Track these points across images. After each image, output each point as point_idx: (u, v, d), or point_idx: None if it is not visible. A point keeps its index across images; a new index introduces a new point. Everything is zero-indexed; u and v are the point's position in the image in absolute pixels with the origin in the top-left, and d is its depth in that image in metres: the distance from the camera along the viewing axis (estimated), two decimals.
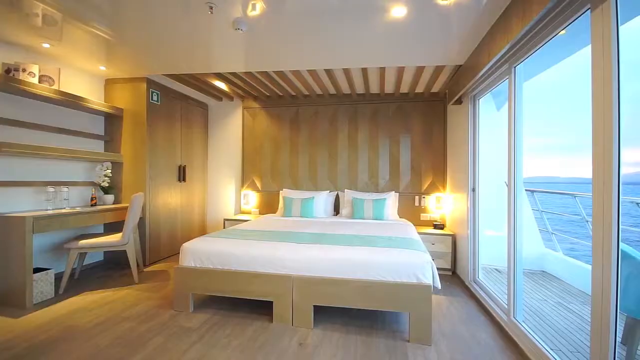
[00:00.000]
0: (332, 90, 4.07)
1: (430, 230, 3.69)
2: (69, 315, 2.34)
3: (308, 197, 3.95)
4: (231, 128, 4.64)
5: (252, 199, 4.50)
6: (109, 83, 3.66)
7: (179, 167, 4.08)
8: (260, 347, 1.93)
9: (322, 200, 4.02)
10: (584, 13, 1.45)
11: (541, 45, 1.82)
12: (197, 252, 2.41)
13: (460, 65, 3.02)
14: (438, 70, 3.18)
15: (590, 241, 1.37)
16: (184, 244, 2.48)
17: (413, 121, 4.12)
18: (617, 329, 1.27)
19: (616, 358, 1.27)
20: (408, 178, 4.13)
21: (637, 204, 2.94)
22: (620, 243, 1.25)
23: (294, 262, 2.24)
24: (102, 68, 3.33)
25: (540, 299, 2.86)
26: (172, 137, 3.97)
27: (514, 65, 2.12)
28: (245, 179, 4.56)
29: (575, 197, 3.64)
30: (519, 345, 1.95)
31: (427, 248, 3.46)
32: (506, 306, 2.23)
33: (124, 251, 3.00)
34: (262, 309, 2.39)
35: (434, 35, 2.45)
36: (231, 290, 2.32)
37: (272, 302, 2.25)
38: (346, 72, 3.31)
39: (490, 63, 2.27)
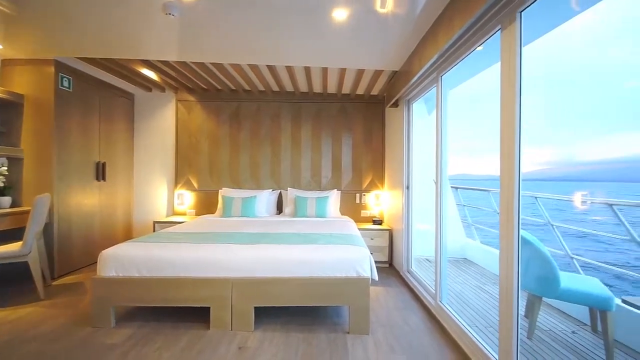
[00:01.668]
0: (275, 87, 4.00)
1: (370, 226, 3.89)
2: None
3: (249, 196, 3.82)
4: (162, 122, 4.24)
5: (187, 199, 4.18)
6: (6, 64, 3.04)
7: (97, 164, 3.58)
8: (196, 356, 1.80)
9: (265, 199, 3.93)
10: (496, 32, 1.66)
11: (463, 57, 2.03)
12: (120, 260, 2.15)
13: (397, 71, 3.23)
14: (377, 74, 3.36)
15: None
16: (103, 251, 2.19)
17: (354, 121, 4.28)
18: (520, 304, 1.49)
19: (519, 329, 1.49)
20: (350, 176, 4.28)
21: (536, 197, 3.50)
22: (520, 231, 1.47)
23: (233, 264, 2.14)
24: None
25: (462, 283, 3.22)
26: (89, 130, 3.47)
27: (441, 74, 2.33)
28: (179, 178, 4.22)
29: (489, 192, 4.19)
30: (443, 326, 2.17)
31: (367, 243, 3.63)
32: (434, 292, 2.46)
33: (26, 263, 2.52)
34: (198, 316, 2.23)
35: (373, 41, 2.57)
36: (162, 299, 2.12)
37: (209, 307, 2.11)
38: (289, 69, 3.29)
39: (422, 71, 2.47)
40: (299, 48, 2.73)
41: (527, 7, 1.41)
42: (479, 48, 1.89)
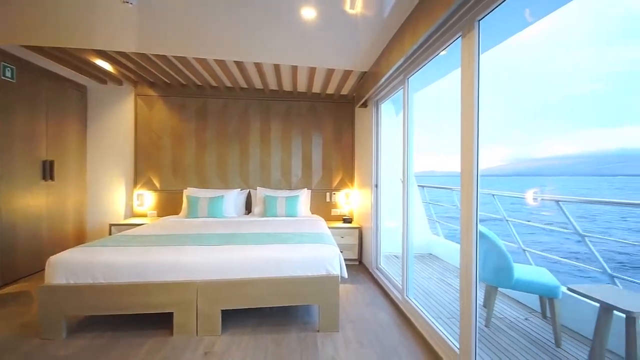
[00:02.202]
0: (243, 84, 3.90)
1: (340, 224, 3.93)
2: None
3: (216, 196, 3.70)
4: (120, 117, 3.96)
5: (148, 199, 3.95)
6: None
7: (44, 162, 3.26)
8: None
9: (233, 199, 3.83)
10: (457, 39, 1.74)
11: (428, 61, 2.11)
12: (72, 266, 1.98)
13: (366, 72, 3.29)
14: (347, 74, 3.39)
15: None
16: (51, 257, 2.00)
17: (324, 121, 4.30)
18: (478, 295, 1.58)
19: (477, 319, 1.58)
20: (320, 175, 4.30)
21: (493, 195, 3.74)
22: (478, 226, 1.56)
23: (198, 266, 2.05)
24: None
25: (427, 278, 3.36)
26: (34, 125, 3.15)
27: (408, 76, 2.41)
28: (139, 177, 3.97)
29: (452, 190, 4.41)
30: (410, 319, 2.26)
31: (337, 241, 3.68)
32: (401, 287, 2.54)
33: None
34: (161, 322, 2.12)
35: (342, 41, 2.59)
36: (119, 306, 1.98)
37: (172, 313, 2.01)
38: (258, 66, 3.22)
39: (389, 72, 2.54)
40: (267, 45, 2.68)
41: (485, 16, 1.50)
42: (443, 53, 1.98)
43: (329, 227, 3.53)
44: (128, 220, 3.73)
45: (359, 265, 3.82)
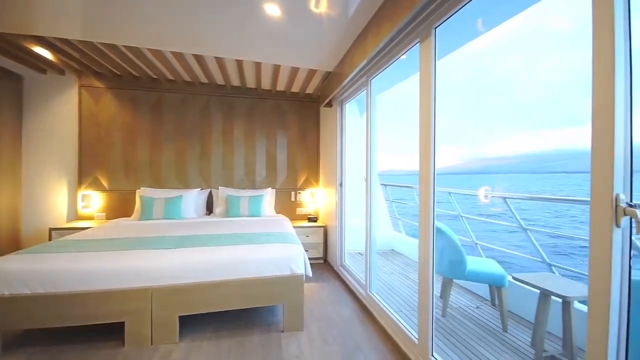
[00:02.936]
0: (203, 79, 3.73)
1: (305, 223, 3.92)
2: None
3: (174, 197, 3.49)
4: (61, 110, 3.57)
5: (95, 201, 3.61)
6: None
7: None
8: None
9: (192, 199, 3.64)
10: (415, 44, 1.82)
11: (389, 64, 2.17)
12: (5, 275, 1.75)
13: (330, 72, 3.31)
14: (311, 73, 3.39)
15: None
16: None
17: (289, 119, 4.25)
18: (435, 287, 1.67)
19: (434, 309, 1.66)
20: (285, 174, 4.25)
21: (449, 193, 3.97)
22: (435, 221, 1.64)
23: (152, 271, 1.91)
24: None
25: (389, 273, 3.48)
26: None
27: (370, 78, 2.47)
28: (84, 176, 3.62)
29: (412, 188, 4.61)
30: (373, 314, 2.31)
31: (302, 240, 3.67)
32: (364, 283, 2.60)
33: None
34: (111, 333, 1.95)
35: (307, 40, 2.57)
36: (62, 318, 1.79)
37: (124, 322, 1.86)
38: (219, 61, 3.09)
39: (353, 73, 2.58)
40: (229, 40, 2.58)
41: (441, 24, 1.58)
42: (403, 57, 2.05)
43: (294, 227, 3.50)
44: (72, 224, 3.38)
45: (324, 263, 3.84)
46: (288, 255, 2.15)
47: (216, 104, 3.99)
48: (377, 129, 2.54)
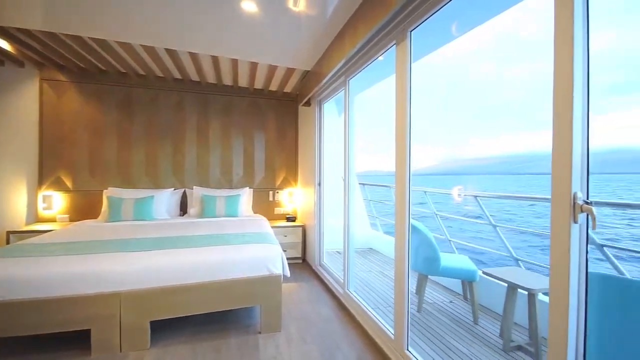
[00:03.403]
0: (177, 75, 3.60)
1: (284, 223, 3.89)
2: None
3: (145, 197, 3.34)
4: (19, 105, 3.30)
5: (57, 202, 3.39)
6: None
7: None
8: None
9: (165, 199, 3.50)
10: (392, 46, 1.85)
11: (367, 64, 2.20)
12: None
13: (309, 71, 3.30)
14: (290, 71, 3.36)
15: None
16: None
17: (267, 118, 4.20)
18: (410, 283, 1.71)
19: (410, 305, 1.70)
20: (263, 174, 4.19)
21: (425, 192, 4.09)
22: (411, 220, 1.68)
23: (121, 275, 1.82)
24: None
25: (367, 271, 3.53)
26: None
27: (349, 78, 2.49)
28: (45, 176, 3.38)
29: (390, 187, 4.71)
30: (351, 312, 2.34)
31: (280, 240, 3.64)
32: (342, 281, 2.62)
33: None
34: (77, 340, 1.84)
35: (285, 39, 2.55)
36: (22, 327, 1.66)
37: (90, 330, 1.76)
38: (193, 56, 2.99)
39: (331, 73, 2.59)
40: (205, 35, 2.50)
41: (416, 27, 1.62)
42: (380, 58, 2.08)
43: (272, 226, 3.47)
44: (32, 227, 3.15)
45: (303, 263, 3.84)
46: (265, 256, 2.13)
47: (190, 101, 3.86)
48: (358, 130, 2.56)
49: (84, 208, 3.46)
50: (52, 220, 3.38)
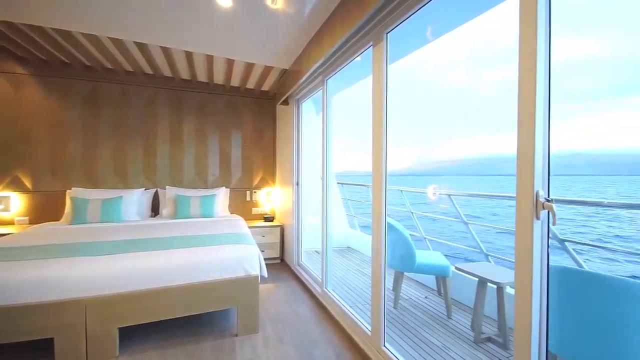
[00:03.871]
0: (148, 70, 3.44)
1: (261, 223, 3.84)
2: None
3: (112, 197, 3.17)
4: None
5: (15, 203, 3.14)
6: None
7: None
8: None
9: (135, 200, 3.34)
10: (369, 47, 1.87)
11: (344, 65, 2.21)
12: None
13: (287, 70, 3.28)
14: (267, 69, 3.32)
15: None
16: None
17: (244, 116, 4.12)
18: (387, 280, 1.74)
19: (386, 301, 1.74)
20: (239, 173, 4.11)
21: (401, 191, 4.18)
22: (387, 218, 1.71)
23: (85, 280, 1.72)
24: None
25: (345, 269, 3.56)
26: None
27: (327, 78, 2.49)
28: (1, 176, 3.12)
29: (368, 187, 4.77)
30: (329, 310, 2.35)
31: (258, 240, 3.59)
32: (320, 280, 2.63)
33: None
34: (41, 349, 1.72)
35: (262, 36, 2.51)
36: None
37: (52, 338, 1.65)
38: (165, 50, 2.88)
39: (309, 72, 2.58)
40: (177, 29, 2.41)
41: (393, 29, 1.65)
42: (358, 59, 2.10)
43: (250, 227, 3.41)
44: None
45: (281, 263, 3.81)
46: (242, 256, 2.09)
47: (163, 97, 3.71)
48: (337, 130, 2.57)
49: (45, 209, 3.24)
50: (10, 223, 3.13)
